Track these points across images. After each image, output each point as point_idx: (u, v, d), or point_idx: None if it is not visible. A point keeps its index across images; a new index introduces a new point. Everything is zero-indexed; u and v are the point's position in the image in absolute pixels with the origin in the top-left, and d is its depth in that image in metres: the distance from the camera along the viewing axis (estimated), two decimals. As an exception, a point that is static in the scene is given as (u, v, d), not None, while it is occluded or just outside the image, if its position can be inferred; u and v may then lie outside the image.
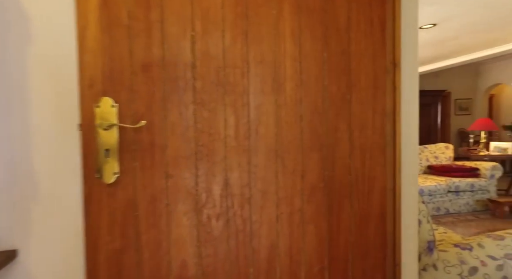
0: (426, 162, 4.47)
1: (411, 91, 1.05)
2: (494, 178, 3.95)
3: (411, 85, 1.05)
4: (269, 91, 0.90)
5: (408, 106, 1.04)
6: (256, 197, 0.89)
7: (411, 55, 1.04)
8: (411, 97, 1.05)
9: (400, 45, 0.99)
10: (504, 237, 1.59)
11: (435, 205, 3.82)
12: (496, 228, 3.31)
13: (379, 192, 0.98)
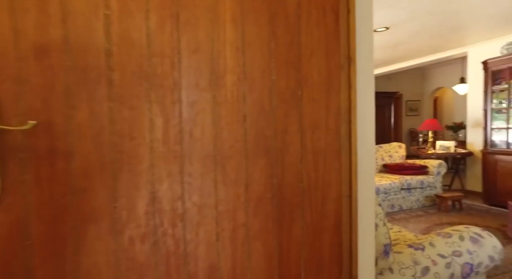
0: (382, 161, 4.65)
1: (367, 89, 0.98)
2: (440, 174, 4.22)
3: (367, 82, 0.98)
4: (205, 86, 0.75)
5: (364, 105, 0.97)
6: (191, 212, 0.74)
7: (367, 50, 0.96)
8: (367, 95, 0.98)
9: (355, 38, 0.91)
10: (451, 234, 1.62)
11: (390, 202, 3.97)
12: (442, 222, 3.52)
13: (334, 199, 0.88)
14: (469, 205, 4.16)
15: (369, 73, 0.99)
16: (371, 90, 0.99)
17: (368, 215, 0.99)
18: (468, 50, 4.64)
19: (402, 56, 5.14)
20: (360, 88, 0.96)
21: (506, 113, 3.99)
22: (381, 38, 4.00)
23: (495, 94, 4.11)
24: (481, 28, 3.84)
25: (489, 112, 4.13)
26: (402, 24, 3.50)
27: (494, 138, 4.12)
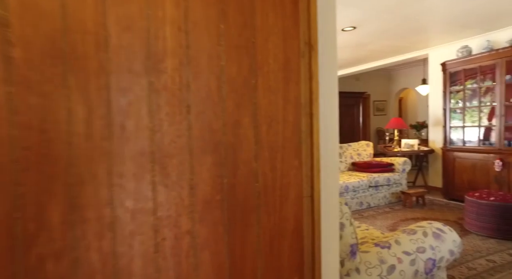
0: (350, 159, 4.72)
1: (330, 80, 0.91)
2: (405, 171, 4.36)
3: (330, 73, 0.91)
4: (140, 71, 0.63)
5: (327, 97, 0.90)
6: (122, 221, 0.62)
7: (330, 38, 0.89)
8: (330, 87, 0.91)
9: (316, 23, 0.83)
10: (416, 231, 1.63)
11: (358, 200, 4.03)
12: (407, 217, 3.63)
13: (294, 201, 0.80)
14: (431, 200, 4.34)
15: (333, 63, 0.92)
16: (334, 82, 0.92)
17: (332, 216, 0.92)
18: (429, 53, 4.86)
19: (369, 56, 5.28)
20: (323, 79, 0.88)
21: (462, 113, 4.22)
22: (348, 37, 4.06)
23: (453, 94, 4.33)
24: (440, 32, 4.02)
25: (447, 112, 4.34)
26: (368, 24, 3.56)
27: (453, 137, 4.34)
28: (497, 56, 3.74)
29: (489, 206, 2.92)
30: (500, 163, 3.69)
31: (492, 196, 3.00)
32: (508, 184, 3.67)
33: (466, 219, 3.15)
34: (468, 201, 3.09)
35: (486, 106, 3.98)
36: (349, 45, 4.45)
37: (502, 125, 3.74)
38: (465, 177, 4.10)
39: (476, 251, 2.69)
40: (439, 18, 3.45)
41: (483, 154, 3.90)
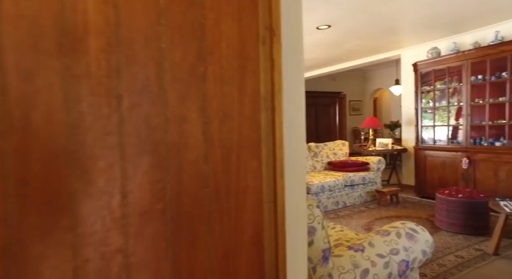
0: (327, 158, 4.72)
1: (295, 70, 0.81)
2: (379, 170, 4.42)
3: (296, 63, 0.81)
4: (52, 50, 0.50)
5: (292, 90, 0.80)
6: (26, 241, 0.48)
7: (295, 21, 0.80)
8: (296, 78, 0.81)
9: (279, 5, 0.73)
10: (389, 232, 1.59)
11: (334, 199, 4.02)
12: (381, 216, 3.66)
13: (253, 208, 0.70)
14: (404, 198, 4.43)
15: (298, 52, 0.83)
16: (299, 73, 0.83)
17: (299, 223, 0.83)
18: (402, 53, 4.97)
19: (345, 56, 5.31)
20: (287, 69, 0.79)
21: (432, 112, 4.33)
22: (324, 36, 4.04)
23: (424, 94, 4.44)
24: (412, 33, 4.11)
25: (419, 111, 4.45)
26: (343, 23, 3.55)
27: (424, 136, 4.45)
28: (463, 58, 3.86)
29: (457, 203, 2.98)
30: (467, 160, 3.82)
31: (461, 193, 3.07)
32: (474, 180, 3.80)
33: (437, 216, 3.21)
34: (439, 199, 3.15)
35: (454, 106, 4.11)
36: (324, 44, 4.45)
37: (469, 125, 3.88)
38: (436, 175, 4.21)
39: (446, 248, 2.73)
40: (410, 19, 3.51)
41: (452, 152, 4.02)
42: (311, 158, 4.63)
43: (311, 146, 4.72)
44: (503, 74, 3.59)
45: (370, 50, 4.98)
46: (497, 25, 3.82)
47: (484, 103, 3.74)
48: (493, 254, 2.59)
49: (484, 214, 2.97)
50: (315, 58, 5.40)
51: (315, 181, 3.85)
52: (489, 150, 3.67)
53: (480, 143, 3.82)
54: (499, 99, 3.64)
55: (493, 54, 3.60)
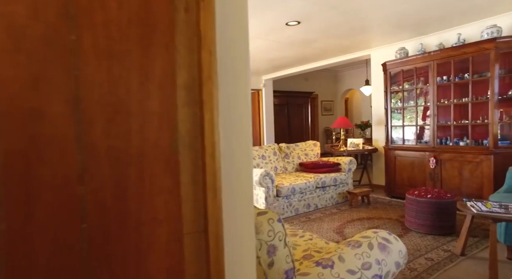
0: (298, 159, 4.60)
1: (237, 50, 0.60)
2: (351, 171, 4.36)
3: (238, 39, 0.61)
4: None
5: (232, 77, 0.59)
6: None
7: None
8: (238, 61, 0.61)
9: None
10: (361, 243, 1.44)
11: (306, 202, 3.89)
12: (353, 218, 3.58)
13: (167, 245, 0.48)
14: (375, 198, 4.41)
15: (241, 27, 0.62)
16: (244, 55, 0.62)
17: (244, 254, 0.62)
18: (371, 53, 4.97)
19: (316, 55, 5.23)
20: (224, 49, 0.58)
21: (401, 112, 4.35)
22: (294, 33, 3.90)
23: (393, 94, 4.45)
24: (381, 33, 4.09)
25: (389, 111, 4.45)
26: (312, 19, 3.43)
27: (393, 136, 4.47)
28: (429, 59, 3.90)
29: (426, 204, 2.95)
30: (434, 160, 3.86)
31: (429, 193, 3.05)
32: (441, 180, 3.84)
33: (406, 217, 3.18)
34: (408, 199, 3.12)
35: (421, 106, 4.15)
36: (294, 42, 4.31)
37: (435, 125, 3.92)
38: (405, 175, 4.23)
39: (416, 250, 2.68)
40: (379, 17, 3.46)
41: (420, 152, 4.05)
42: (282, 159, 4.48)
43: (282, 146, 4.57)
44: (465, 76, 3.65)
45: (341, 50, 4.94)
46: (459, 28, 3.89)
47: (449, 104, 3.80)
48: (460, 255, 2.57)
49: (452, 213, 2.97)
50: (286, 56, 5.27)
51: (286, 184, 3.69)
52: (454, 149, 3.72)
53: (446, 143, 3.87)
54: (462, 100, 3.70)
55: (456, 56, 3.65)
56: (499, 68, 3.36)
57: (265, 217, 1.07)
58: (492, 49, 3.34)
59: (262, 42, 4.29)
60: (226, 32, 0.60)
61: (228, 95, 0.60)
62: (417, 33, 4.16)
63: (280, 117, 8.09)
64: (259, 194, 3.60)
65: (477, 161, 3.50)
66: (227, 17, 0.58)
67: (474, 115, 3.60)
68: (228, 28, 0.61)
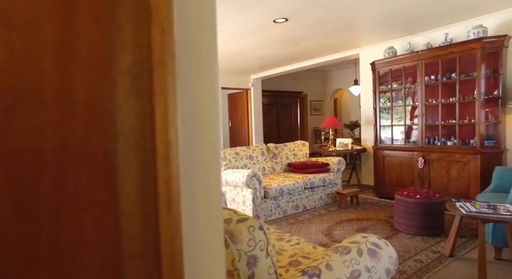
0: (286, 160, 4.52)
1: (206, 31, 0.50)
2: (340, 171, 4.31)
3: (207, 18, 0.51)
4: None
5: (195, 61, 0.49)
6: None
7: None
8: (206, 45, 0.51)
9: None
10: (350, 249, 1.36)
11: (294, 203, 3.81)
12: (342, 219, 3.52)
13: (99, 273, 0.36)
14: (364, 199, 4.37)
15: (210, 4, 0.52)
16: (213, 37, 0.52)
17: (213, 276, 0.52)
18: (360, 52, 4.94)
19: (304, 53, 5.16)
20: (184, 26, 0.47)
21: (390, 112, 4.33)
22: (282, 31, 3.81)
23: (382, 94, 4.43)
24: (369, 32, 4.05)
25: (377, 111, 4.42)
26: (301, 16, 3.34)
27: (382, 135, 4.44)
28: (417, 58, 3.88)
29: (415, 204, 2.92)
30: (422, 160, 3.84)
31: (418, 193, 3.02)
32: (429, 179, 3.83)
33: (395, 217, 3.13)
34: (397, 200, 3.07)
35: (409, 106, 4.13)
36: (282, 40, 4.23)
37: (424, 125, 3.90)
38: (394, 175, 4.21)
39: (405, 251, 2.63)
40: (367, 16, 3.41)
41: (408, 151, 4.03)
42: (270, 160, 4.39)
43: (270, 146, 4.48)
44: (453, 75, 3.65)
45: (329, 49, 4.89)
46: (446, 28, 3.89)
47: (437, 104, 3.79)
48: (449, 256, 2.53)
49: (441, 214, 2.94)
50: (274, 55, 5.18)
51: (274, 185, 3.60)
52: (442, 149, 3.71)
53: (434, 143, 3.86)
54: (450, 99, 3.70)
55: (444, 55, 3.65)
56: (485, 68, 3.37)
57: (245, 225, 0.97)
58: (478, 49, 3.34)
59: (250, 40, 4.19)
60: (189, 9, 0.50)
61: (190, 85, 0.50)
62: (405, 32, 4.14)
63: (269, 117, 8.01)
64: (246, 195, 3.50)
65: (465, 161, 3.50)
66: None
67: (461, 115, 3.60)
68: (192, 4, 0.50)
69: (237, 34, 3.88)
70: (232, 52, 4.79)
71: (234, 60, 5.49)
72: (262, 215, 3.51)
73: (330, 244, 2.82)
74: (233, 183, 3.60)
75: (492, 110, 3.50)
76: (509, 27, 3.42)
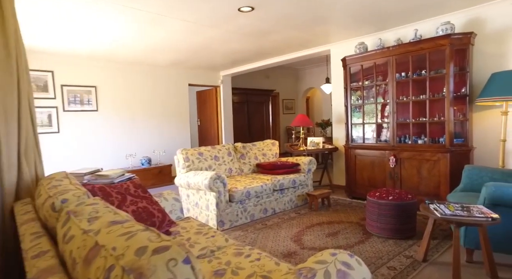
0: (255, 160, 4.24)
1: None
2: (310, 172, 4.11)
3: None
4: None
5: None
6: None
7: None
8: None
9: None
10: (315, 272, 1.10)
11: (262, 206, 3.54)
12: (312, 223, 3.30)
13: None
14: (335, 200, 4.21)
15: None
16: None
17: None
18: (331, 48, 4.79)
19: (273, 48, 4.92)
20: None
21: (361, 110, 4.20)
22: (248, 22, 3.52)
23: (353, 91, 4.29)
24: (340, 25, 3.88)
25: (349, 109, 4.28)
26: (268, 5, 3.08)
27: (353, 134, 4.31)
28: (388, 54, 3.77)
29: (388, 206, 2.76)
30: (394, 159, 3.74)
31: (390, 194, 2.87)
32: (400, 179, 3.74)
33: (367, 220, 2.97)
34: (370, 202, 2.91)
35: (380, 103, 4.03)
36: (250, 33, 3.94)
37: (395, 123, 3.81)
38: (366, 174, 4.08)
39: (378, 258, 2.45)
40: (338, 7, 3.22)
41: (380, 150, 3.92)
42: (238, 160, 4.09)
43: (237, 146, 4.18)
44: (423, 72, 3.58)
45: (300, 44, 4.68)
46: (416, 24, 3.83)
47: (408, 101, 3.70)
48: (423, 261, 2.38)
49: (413, 215, 2.81)
50: (243, 50, 4.89)
51: (240, 187, 3.30)
52: (413, 148, 3.63)
53: (405, 141, 3.78)
54: (420, 97, 3.62)
55: (414, 52, 3.56)
56: (453, 65, 3.31)
57: (162, 258, 0.67)
58: (447, 45, 3.27)
59: (216, 33, 3.86)
60: None
61: None
62: (376, 28, 4.03)
63: (240, 116, 7.71)
64: (210, 199, 3.18)
65: (435, 159, 3.43)
66: None
67: (431, 113, 3.53)
68: None
69: (203, 24, 3.54)
70: (199, 44, 4.42)
71: (201, 55, 5.13)
72: (227, 220, 3.21)
73: (299, 252, 2.58)
74: (196, 186, 3.26)
75: (460, 108, 3.46)
76: (475, 25, 3.39)
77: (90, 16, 3.20)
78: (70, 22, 3.34)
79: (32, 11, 3.01)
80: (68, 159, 4.90)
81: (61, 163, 4.82)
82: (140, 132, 5.72)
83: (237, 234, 3.03)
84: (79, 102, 4.94)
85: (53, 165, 4.71)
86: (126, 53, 4.73)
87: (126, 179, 2.37)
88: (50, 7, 2.93)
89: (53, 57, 4.66)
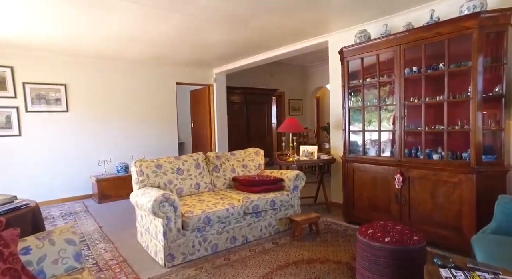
0: (232, 173, 3.55)
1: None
2: (297, 189, 3.36)
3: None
4: None
5: None
6: None
7: None
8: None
9: None
10: None
11: (230, 234, 2.85)
12: (288, 260, 2.57)
13: None
14: (328, 224, 3.43)
15: None
16: None
17: None
18: (329, 39, 4.00)
19: (262, 40, 4.18)
20: None
21: (361, 113, 3.37)
22: (215, 3, 2.82)
23: (353, 91, 3.48)
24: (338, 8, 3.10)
25: (347, 112, 3.48)
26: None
27: (352, 143, 3.50)
28: (394, 43, 2.94)
29: (382, 251, 1.98)
30: (400, 178, 2.91)
31: (388, 233, 2.08)
32: (409, 204, 2.90)
33: (358, 266, 2.19)
34: (360, 242, 2.13)
35: (385, 106, 3.19)
36: (221, 20, 3.24)
37: (403, 131, 2.97)
38: (366, 194, 3.27)
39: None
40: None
41: (383, 166, 3.10)
42: (210, 173, 3.42)
43: (210, 156, 3.51)
44: (440, 66, 2.72)
45: (293, 34, 3.93)
46: (432, 4, 2.97)
47: (420, 103, 2.85)
48: None
49: (419, 265, 2.00)
50: (222, 41, 4.19)
51: (197, 211, 2.63)
52: (426, 164, 2.79)
53: (415, 155, 2.94)
54: (436, 98, 2.77)
55: (428, 38, 2.71)
56: (483, 56, 2.44)
57: None
58: (475, 28, 2.41)
59: (179, 19, 3.21)
60: None
61: None
62: (381, 12, 3.21)
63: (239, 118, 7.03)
64: (158, 226, 2.53)
65: (455, 181, 2.58)
66: None
67: (451, 119, 2.68)
68: None
69: (160, 8, 2.90)
70: (167, 35, 3.79)
71: (180, 49, 4.50)
72: (179, 253, 2.54)
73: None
74: (142, 208, 2.63)
75: (492, 113, 2.58)
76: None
77: (38, 4, 2.66)
78: (21, 12, 2.81)
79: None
80: (33, 165, 4.44)
81: (24, 169, 4.37)
82: (117, 136, 5.19)
83: (185, 275, 2.36)
84: (45, 102, 4.48)
85: (15, 172, 4.27)
86: (90, 45, 4.16)
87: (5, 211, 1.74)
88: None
89: (12, 50, 4.19)
